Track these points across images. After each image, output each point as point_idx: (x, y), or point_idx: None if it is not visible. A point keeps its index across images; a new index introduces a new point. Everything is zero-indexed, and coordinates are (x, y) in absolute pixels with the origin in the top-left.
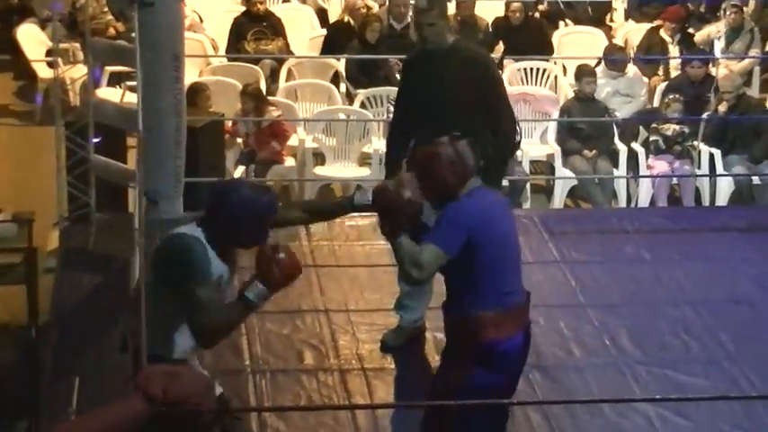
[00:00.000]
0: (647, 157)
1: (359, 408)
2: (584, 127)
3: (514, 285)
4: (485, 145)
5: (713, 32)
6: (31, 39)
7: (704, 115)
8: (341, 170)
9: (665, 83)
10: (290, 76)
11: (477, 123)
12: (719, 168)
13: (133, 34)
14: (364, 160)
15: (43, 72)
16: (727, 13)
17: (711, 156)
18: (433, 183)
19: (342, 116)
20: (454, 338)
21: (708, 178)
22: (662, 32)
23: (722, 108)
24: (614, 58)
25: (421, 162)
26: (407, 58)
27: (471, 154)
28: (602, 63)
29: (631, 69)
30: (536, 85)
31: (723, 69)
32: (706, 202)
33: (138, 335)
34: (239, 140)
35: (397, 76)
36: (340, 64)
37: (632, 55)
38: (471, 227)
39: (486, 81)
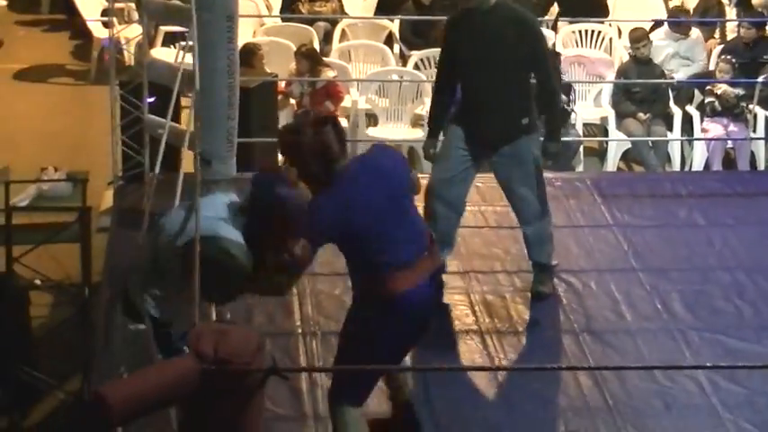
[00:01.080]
0: (702, 121)
1: (407, 370)
2: (640, 90)
3: (409, 240)
4: (528, 101)
5: None
6: None
7: (760, 78)
8: (393, 131)
9: (721, 46)
10: (343, 37)
11: (520, 80)
12: None
13: None
14: (417, 122)
15: (98, 32)
16: None
17: (767, 119)
18: (298, 170)
19: (395, 77)
20: (362, 292)
21: (764, 142)
22: None
23: None
24: (679, 20)
25: (282, 149)
26: (450, 18)
27: (333, 135)
28: (666, 24)
29: (694, 32)
30: (590, 47)
31: None
32: (761, 165)
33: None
34: (292, 101)
35: None
36: (393, 25)
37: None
38: (330, 227)
39: (530, 39)
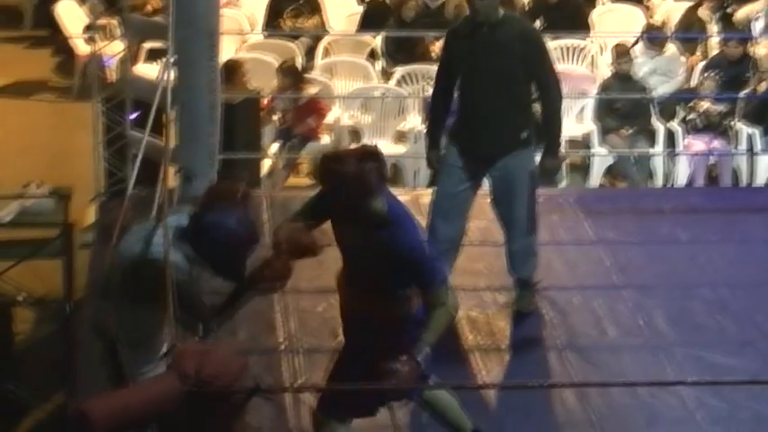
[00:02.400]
0: (685, 137)
1: (390, 387)
2: (622, 105)
3: None
4: (528, 115)
5: (753, 12)
6: (70, 15)
7: (742, 94)
8: None
9: (704, 62)
10: (326, 53)
11: (523, 94)
12: (758, 148)
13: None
14: (400, 138)
15: (81, 48)
16: None
17: (750, 135)
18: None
19: (378, 93)
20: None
21: (746, 158)
22: (701, 11)
23: (761, 87)
24: (653, 36)
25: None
26: (453, 29)
27: (376, 171)
28: (642, 42)
29: (670, 48)
30: (573, 63)
31: (762, 49)
32: (744, 182)
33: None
34: (275, 117)
35: (433, 54)
36: (376, 41)
37: (671, 33)
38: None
39: (538, 55)
